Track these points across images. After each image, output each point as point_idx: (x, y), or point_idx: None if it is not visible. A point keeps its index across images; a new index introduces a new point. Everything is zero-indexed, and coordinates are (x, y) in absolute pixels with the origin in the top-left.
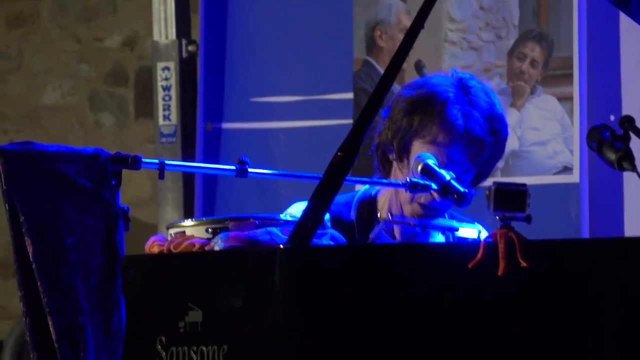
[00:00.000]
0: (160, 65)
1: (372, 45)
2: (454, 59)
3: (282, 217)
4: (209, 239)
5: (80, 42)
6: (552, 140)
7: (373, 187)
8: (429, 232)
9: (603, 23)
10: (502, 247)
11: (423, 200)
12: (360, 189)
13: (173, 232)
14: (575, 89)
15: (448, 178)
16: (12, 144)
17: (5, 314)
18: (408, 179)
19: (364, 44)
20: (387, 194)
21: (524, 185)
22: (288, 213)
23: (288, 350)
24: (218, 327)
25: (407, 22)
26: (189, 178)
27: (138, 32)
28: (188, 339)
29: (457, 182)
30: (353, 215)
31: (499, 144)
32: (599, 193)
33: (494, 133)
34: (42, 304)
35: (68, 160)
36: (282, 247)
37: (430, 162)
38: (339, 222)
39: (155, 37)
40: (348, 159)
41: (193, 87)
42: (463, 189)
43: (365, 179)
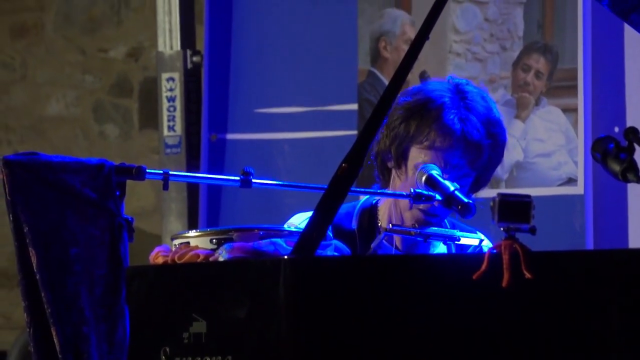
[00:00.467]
0: (165, 76)
1: (376, 57)
2: (459, 70)
3: (285, 227)
4: (214, 250)
5: (85, 53)
6: (556, 152)
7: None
8: (430, 241)
9: (607, 35)
10: (506, 258)
11: (422, 206)
12: (362, 199)
13: (177, 242)
14: (580, 101)
15: (452, 189)
16: (16, 155)
17: (10, 325)
18: (412, 190)
19: (369, 55)
20: (387, 203)
21: (529, 197)
22: (289, 223)
23: None
24: (222, 337)
25: (411, 33)
26: (194, 189)
27: (143, 43)
28: (192, 350)
29: (461, 192)
30: (354, 225)
31: (497, 148)
32: (604, 204)
33: (492, 136)
34: (46, 315)
35: (72, 171)
36: (286, 258)
37: (435, 172)
38: (341, 231)
39: (160, 48)
40: (353, 170)
41: (197, 98)
42: (467, 200)
43: (370, 190)
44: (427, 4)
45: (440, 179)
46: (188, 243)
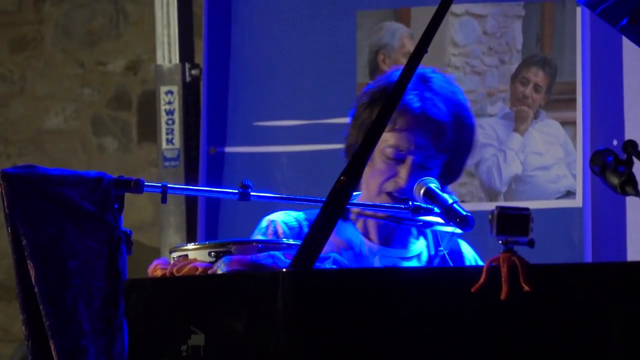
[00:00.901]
0: (164, 89)
1: (375, 70)
2: (457, 83)
3: (263, 225)
4: (212, 263)
5: (84, 66)
6: (555, 165)
7: None
8: (406, 230)
9: (606, 48)
10: (505, 271)
11: (390, 189)
12: None
13: (176, 255)
14: (579, 114)
15: (450, 202)
16: (15, 168)
17: (8, 337)
18: (410, 203)
19: (367, 69)
20: (362, 197)
21: (527, 210)
22: (267, 219)
23: None
24: (220, 350)
25: (410, 46)
26: (192, 202)
27: (141, 56)
28: None
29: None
30: None
31: (464, 130)
32: (602, 217)
33: (455, 116)
34: (44, 328)
35: (71, 184)
36: (284, 270)
37: (433, 185)
38: None
39: (159, 61)
40: (351, 183)
41: (196, 111)
42: (465, 212)
43: (368, 204)
44: (425, 17)
45: (439, 192)
46: (186, 256)
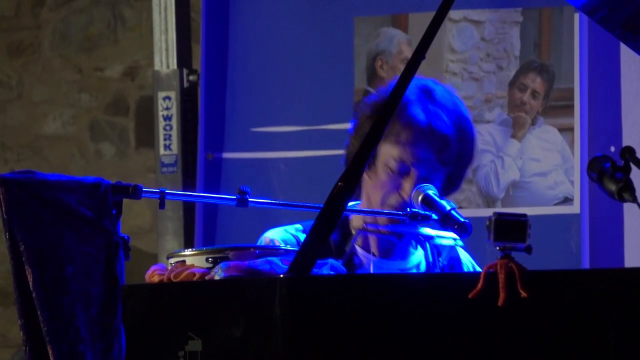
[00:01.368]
0: (161, 95)
1: (373, 76)
2: (455, 90)
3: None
4: (209, 269)
5: (81, 72)
6: (552, 171)
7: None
8: (406, 242)
9: (604, 55)
10: (502, 277)
11: (394, 203)
12: None
13: (173, 261)
14: (576, 120)
15: (448, 208)
16: (12, 173)
17: (6, 343)
18: (409, 210)
19: (365, 75)
20: (362, 206)
21: (525, 216)
22: (264, 237)
23: None
24: (218, 356)
25: (408, 52)
26: (190, 207)
27: (139, 62)
28: None
29: (456, 212)
30: None
31: (467, 143)
32: (600, 224)
33: (459, 129)
34: (42, 333)
35: (69, 190)
36: (282, 276)
37: (431, 192)
38: None
39: (156, 66)
40: (349, 189)
41: (194, 116)
42: (464, 219)
43: (367, 210)
44: (423, 23)
45: (437, 199)
46: (184, 262)
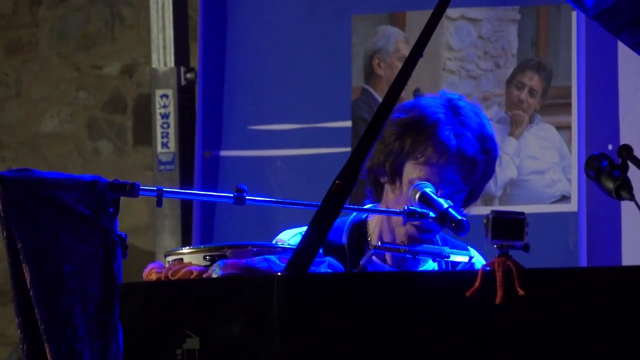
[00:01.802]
0: (159, 93)
1: (370, 74)
2: (453, 88)
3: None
4: (207, 267)
5: (79, 69)
6: (550, 169)
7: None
8: (420, 258)
9: (601, 53)
10: (499, 275)
11: (416, 222)
12: (352, 214)
13: (171, 259)
14: (574, 118)
15: (446, 206)
16: (10, 171)
17: (3, 341)
18: (406, 207)
19: (363, 73)
20: (378, 218)
21: (522, 214)
22: (278, 240)
23: None
24: (216, 354)
25: (405, 50)
26: (187, 205)
27: (137, 59)
28: None
29: (454, 209)
30: (344, 240)
31: (490, 163)
32: (597, 222)
33: (486, 152)
34: (39, 331)
35: (66, 188)
36: (279, 274)
37: (428, 190)
38: (331, 246)
39: (154, 64)
40: (346, 187)
41: (191, 114)
42: (460, 217)
43: (364, 208)
44: (421, 22)
45: (434, 196)
46: (181, 259)
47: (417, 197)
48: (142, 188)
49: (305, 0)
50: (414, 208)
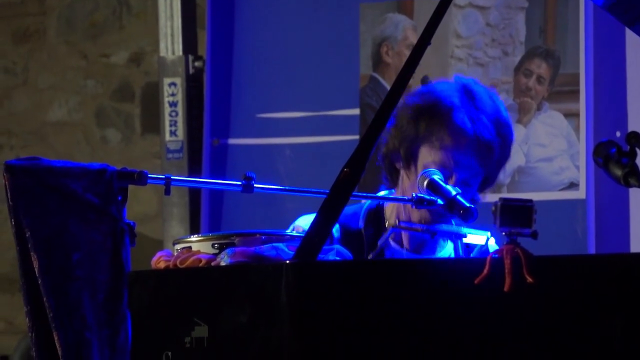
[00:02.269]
0: (167, 81)
1: (378, 62)
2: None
3: (288, 232)
4: (215, 255)
5: (87, 58)
6: (558, 157)
7: None
8: (437, 238)
9: (609, 40)
10: (508, 263)
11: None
12: (368, 200)
13: (179, 247)
14: (582, 106)
15: (454, 193)
16: (18, 160)
17: (12, 329)
18: (414, 194)
19: (371, 60)
20: (394, 203)
21: (530, 201)
22: (296, 226)
23: None
24: (224, 342)
25: (413, 38)
26: (195, 194)
27: (144, 48)
28: (194, 354)
29: (466, 195)
30: (361, 224)
31: (506, 147)
32: (605, 209)
33: (501, 136)
34: (48, 320)
35: (74, 176)
36: (288, 262)
37: (436, 177)
38: (348, 231)
39: (162, 53)
40: (355, 175)
41: (199, 102)
42: (468, 204)
43: (372, 195)
44: (429, 9)
45: (442, 184)
46: (190, 248)
47: (425, 184)
48: (150, 176)
49: None
50: (422, 195)
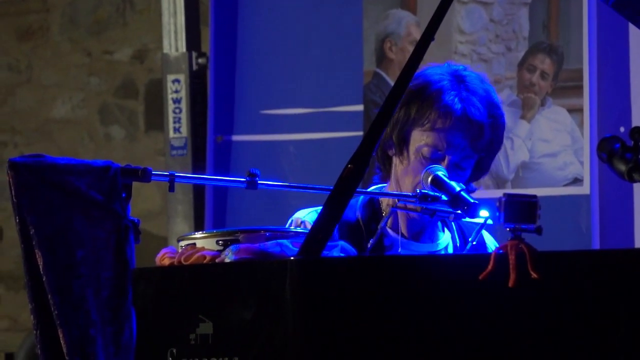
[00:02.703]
0: (171, 78)
1: (382, 58)
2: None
3: (287, 226)
4: (220, 251)
5: (91, 55)
6: (562, 152)
7: (375, 185)
8: (435, 223)
9: (613, 35)
10: (512, 258)
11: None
12: None
13: (183, 244)
14: (585, 101)
15: (458, 189)
16: (22, 157)
17: (16, 327)
18: (418, 191)
19: (374, 56)
20: (389, 189)
21: (535, 197)
22: (294, 219)
23: None
24: (229, 339)
25: (417, 34)
26: (200, 190)
27: (148, 45)
28: (199, 351)
29: (457, 181)
30: (358, 214)
31: (498, 130)
32: (609, 204)
33: (492, 116)
34: (52, 317)
35: (78, 173)
36: (292, 259)
37: (440, 173)
38: (345, 224)
39: (165, 49)
40: (358, 171)
41: (203, 99)
42: (473, 200)
43: (377, 192)
44: (432, 5)
45: (446, 179)
46: (194, 244)
47: (429, 180)
48: (154, 173)
49: None
50: (427, 191)
